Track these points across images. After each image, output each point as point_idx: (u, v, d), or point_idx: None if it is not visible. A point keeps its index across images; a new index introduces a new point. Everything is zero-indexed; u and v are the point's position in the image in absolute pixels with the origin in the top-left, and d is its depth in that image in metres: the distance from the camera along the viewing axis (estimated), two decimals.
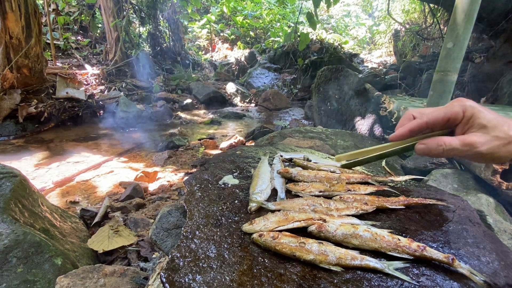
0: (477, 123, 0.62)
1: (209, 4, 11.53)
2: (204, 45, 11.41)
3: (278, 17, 11.37)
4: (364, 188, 0.96)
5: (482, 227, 0.82)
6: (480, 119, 0.62)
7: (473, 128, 0.63)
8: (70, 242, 1.59)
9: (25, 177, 1.65)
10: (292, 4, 11.32)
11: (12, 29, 4.11)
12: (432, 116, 0.65)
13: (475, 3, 2.14)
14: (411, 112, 0.72)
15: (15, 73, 4.27)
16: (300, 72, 7.77)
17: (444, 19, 5.71)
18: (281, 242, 0.68)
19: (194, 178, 1.04)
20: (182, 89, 7.21)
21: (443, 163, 2.14)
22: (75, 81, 4.97)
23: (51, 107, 4.42)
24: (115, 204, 2.30)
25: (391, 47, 9.48)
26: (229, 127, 5.21)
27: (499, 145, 0.61)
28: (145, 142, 4.15)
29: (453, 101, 0.66)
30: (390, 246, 0.67)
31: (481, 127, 0.62)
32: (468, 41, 2.30)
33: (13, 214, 1.39)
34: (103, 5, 6.57)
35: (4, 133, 4.04)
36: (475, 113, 0.62)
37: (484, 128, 0.62)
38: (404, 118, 0.73)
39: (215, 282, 0.61)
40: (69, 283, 1.13)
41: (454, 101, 0.66)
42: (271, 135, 2.63)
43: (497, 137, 0.61)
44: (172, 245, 0.94)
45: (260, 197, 0.89)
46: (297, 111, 6.21)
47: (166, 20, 8.60)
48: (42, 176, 2.88)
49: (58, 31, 7.15)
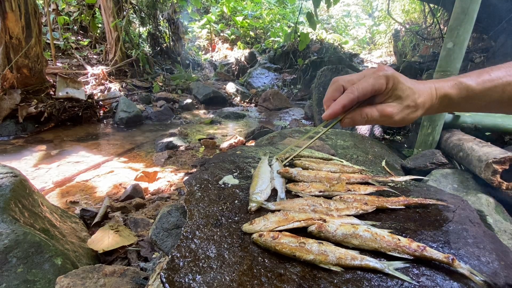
0: (395, 94, 0.68)
1: (209, 4, 11.54)
2: (204, 45, 11.41)
3: (278, 17, 11.37)
4: (364, 188, 0.96)
5: (482, 227, 0.82)
6: (397, 91, 0.68)
7: (390, 98, 0.69)
8: (70, 242, 1.59)
9: (25, 177, 1.65)
10: (292, 4, 11.32)
11: (12, 29, 4.11)
12: (362, 89, 0.68)
13: (475, 3, 2.14)
14: (340, 82, 0.73)
15: (15, 73, 4.27)
16: (300, 72, 7.77)
17: (444, 19, 5.71)
18: (281, 242, 0.68)
19: (194, 178, 1.04)
20: (182, 89, 7.21)
21: (443, 163, 2.14)
22: (75, 81, 4.97)
23: (51, 107, 4.42)
24: (115, 204, 2.30)
25: (391, 47, 9.49)
26: (229, 127, 5.21)
27: (408, 113, 0.69)
28: (145, 142, 4.15)
29: (377, 70, 0.68)
30: (390, 246, 0.67)
31: (397, 98, 0.69)
32: (468, 41, 2.30)
33: (13, 214, 1.39)
34: (103, 5, 6.57)
35: (4, 133, 4.04)
36: (395, 84, 0.67)
37: (399, 99, 0.68)
38: (333, 90, 0.74)
39: (215, 282, 0.61)
40: (69, 283, 1.13)
41: (377, 70, 0.68)
42: (271, 135, 2.62)
43: (408, 106, 0.69)
44: (172, 245, 0.94)
45: (260, 197, 0.89)
46: (297, 111, 6.21)
47: (166, 20, 8.60)
48: (42, 176, 2.88)
49: (58, 31, 7.14)
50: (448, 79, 0.72)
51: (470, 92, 0.69)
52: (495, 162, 1.68)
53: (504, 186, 1.66)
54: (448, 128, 2.49)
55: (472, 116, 2.53)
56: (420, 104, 0.69)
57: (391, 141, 3.40)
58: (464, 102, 0.72)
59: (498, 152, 1.74)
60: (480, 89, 0.69)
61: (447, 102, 0.72)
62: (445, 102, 0.71)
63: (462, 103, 0.72)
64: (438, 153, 2.20)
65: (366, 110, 0.70)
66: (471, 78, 0.70)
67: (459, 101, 0.71)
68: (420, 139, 2.52)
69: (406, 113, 0.69)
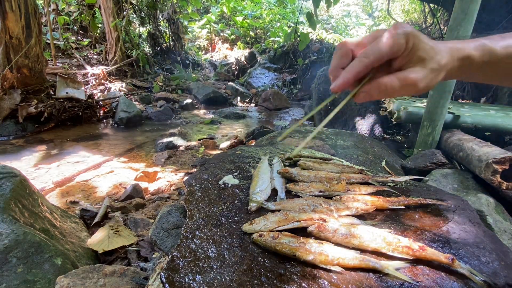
0: (417, 56, 0.58)
1: (209, 4, 11.54)
2: (204, 45, 11.41)
3: (278, 17, 11.37)
4: (364, 188, 0.96)
5: (482, 227, 0.82)
6: (419, 51, 0.57)
7: (411, 62, 0.58)
8: (70, 242, 1.59)
9: (25, 177, 1.65)
10: (292, 4, 11.31)
11: (12, 29, 4.11)
12: (378, 52, 0.57)
13: (475, 3, 2.14)
14: (349, 46, 0.62)
15: (15, 73, 4.27)
16: (300, 72, 7.77)
17: (444, 19, 5.71)
18: (281, 242, 0.68)
19: (194, 178, 1.04)
20: (182, 89, 7.21)
21: (443, 163, 2.14)
22: (75, 81, 4.97)
23: (51, 107, 4.42)
24: (115, 204, 2.30)
25: None
26: (229, 127, 5.21)
27: (432, 78, 0.59)
28: (145, 142, 4.15)
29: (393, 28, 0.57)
30: (390, 246, 0.67)
31: (420, 61, 0.58)
32: None
33: (13, 214, 1.39)
34: (103, 5, 6.57)
35: (4, 133, 4.04)
36: (416, 44, 0.57)
37: (422, 61, 0.58)
38: (340, 55, 0.62)
39: (215, 282, 0.61)
40: (69, 283, 1.13)
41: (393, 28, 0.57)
42: (271, 135, 2.62)
43: (432, 69, 0.59)
44: (172, 245, 0.94)
45: (260, 197, 0.89)
46: (297, 111, 6.21)
47: (166, 20, 8.60)
48: (42, 176, 2.87)
49: (58, 31, 7.14)
50: (469, 40, 0.63)
51: (493, 56, 0.61)
52: (495, 162, 1.68)
53: (504, 186, 1.66)
54: (448, 128, 2.49)
55: (472, 116, 2.53)
56: (443, 66, 0.59)
57: (391, 141, 3.41)
58: (486, 67, 0.63)
59: (498, 152, 1.74)
60: (505, 54, 0.61)
61: (468, 66, 0.62)
62: (465, 65, 0.62)
63: (484, 67, 0.63)
64: (438, 153, 2.20)
65: (385, 80, 0.59)
66: (495, 41, 0.62)
67: (481, 66, 0.62)
68: (420, 139, 2.52)
69: (430, 78, 0.59)
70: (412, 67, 0.58)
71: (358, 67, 0.57)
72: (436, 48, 0.59)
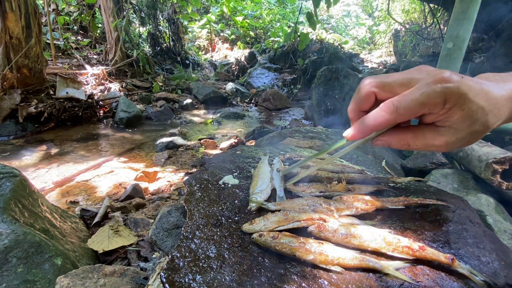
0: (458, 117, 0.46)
1: (209, 4, 11.54)
2: (204, 45, 11.41)
3: (278, 17, 11.38)
4: (364, 188, 0.96)
5: (482, 227, 0.81)
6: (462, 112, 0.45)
7: (448, 121, 0.47)
8: (70, 242, 1.59)
9: (25, 177, 1.65)
10: (292, 4, 11.32)
11: (12, 29, 4.11)
12: (406, 109, 0.46)
13: (475, 4, 2.14)
14: (372, 88, 0.52)
15: (15, 73, 4.27)
16: (300, 72, 7.77)
17: (444, 19, 5.71)
18: (281, 242, 0.68)
19: (194, 178, 1.04)
20: (182, 89, 7.21)
21: (443, 163, 2.14)
22: (75, 81, 4.97)
23: (51, 107, 4.42)
24: (115, 204, 2.30)
25: (391, 47, 9.49)
26: (229, 127, 5.21)
27: (469, 140, 0.49)
28: (145, 142, 4.15)
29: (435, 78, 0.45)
30: (390, 246, 0.67)
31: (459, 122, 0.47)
32: (468, 41, 2.30)
33: (13, 214, 1.39)
34: (103, 5, 6.57)
35: (4, 133, 4.04)
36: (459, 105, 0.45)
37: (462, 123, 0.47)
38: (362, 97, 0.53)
39: (215, 282, 0.61)
40: (69, 283, 1.13)
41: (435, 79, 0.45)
42: (271, 135, 2.62)
43: (473, 132, 0.47)
44: (172, 245, 0.94)
45: (260, 197, 0.89)
46: (297, 111, 6.21)
47: (166, 20, 8.60)
48: (42, 176, 2.87)
49: (58, 31, 7.14)
50: None
51: None
52: (495, 162, 1.68)
53: (504, 186, 1.66)
54: None
55: None
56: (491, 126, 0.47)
57: None
58: None
59: (498, 152, 1.74)
60: None
61: None
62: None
63: None
64: (438, 153, 2.20)
65: (409, 137, 0.51)
66: None
67: None
68: None
69: (467, 141, 0.49)
70: (447, 126, 0.48)
71: (381, 122, 0.49)
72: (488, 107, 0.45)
